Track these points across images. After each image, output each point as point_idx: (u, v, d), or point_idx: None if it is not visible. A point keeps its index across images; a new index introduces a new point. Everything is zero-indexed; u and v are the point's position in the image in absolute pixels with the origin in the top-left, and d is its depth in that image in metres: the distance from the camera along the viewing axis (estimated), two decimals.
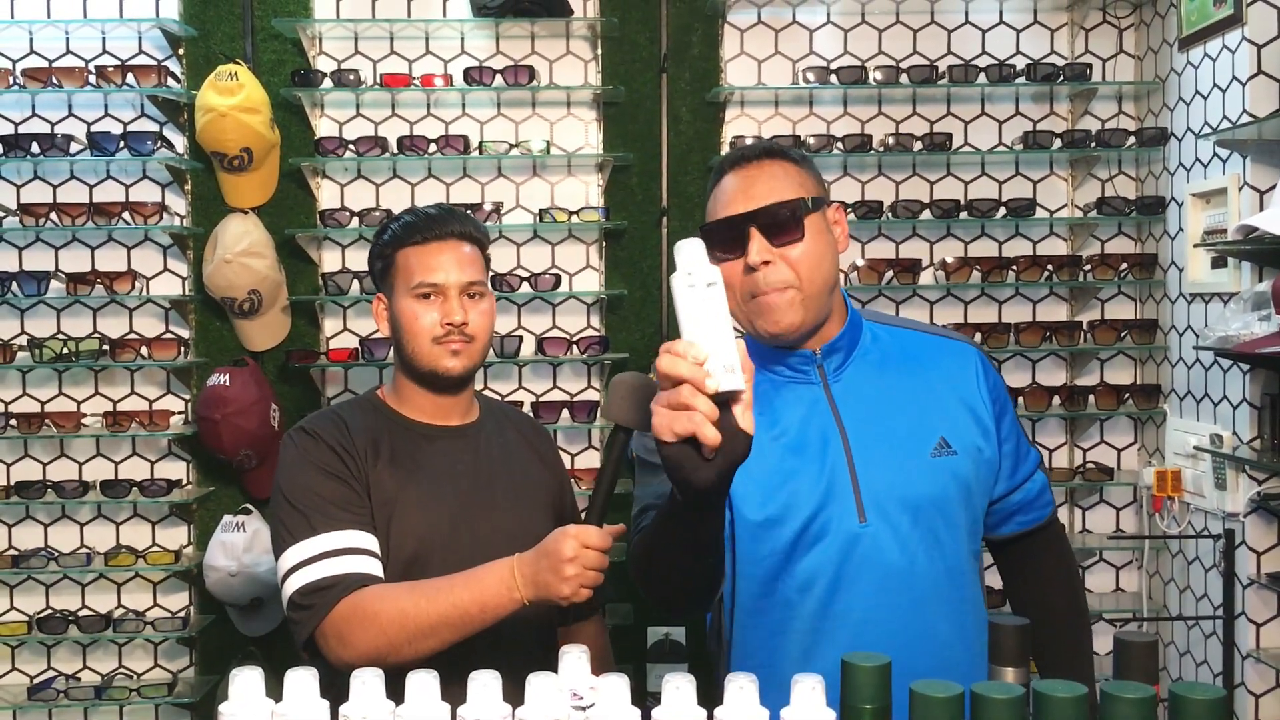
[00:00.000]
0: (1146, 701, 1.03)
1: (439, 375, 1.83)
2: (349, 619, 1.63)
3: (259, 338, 3.24)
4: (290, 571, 1.71)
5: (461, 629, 1.61)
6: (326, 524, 1.72)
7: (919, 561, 1.62)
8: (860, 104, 3.37)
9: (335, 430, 1.81)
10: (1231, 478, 2.79)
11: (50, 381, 3.31)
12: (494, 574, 1.61)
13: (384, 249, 1.87)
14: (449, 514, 1.81)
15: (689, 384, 1.18)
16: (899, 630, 1.59)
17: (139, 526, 3.32)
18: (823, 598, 1.61)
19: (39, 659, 3.32)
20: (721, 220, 1.65)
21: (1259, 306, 2.59)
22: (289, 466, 1.79)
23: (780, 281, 1.61)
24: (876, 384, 1.69)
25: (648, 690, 2.95)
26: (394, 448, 1.83)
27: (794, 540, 1.62)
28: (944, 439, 1.65)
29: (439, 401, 1.88)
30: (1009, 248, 3.37)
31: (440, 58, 3.34)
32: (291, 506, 1.74)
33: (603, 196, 3.33)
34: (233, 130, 3.06)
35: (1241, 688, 2.77)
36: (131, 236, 3.30)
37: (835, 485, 1.63)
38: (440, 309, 1.81)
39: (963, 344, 1.76)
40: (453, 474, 1.85)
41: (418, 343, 1.82)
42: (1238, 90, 2.77)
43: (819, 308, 1.65)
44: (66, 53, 3.28)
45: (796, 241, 1.61)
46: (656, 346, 3.20)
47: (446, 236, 1.84)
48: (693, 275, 1.21)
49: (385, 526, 1.77)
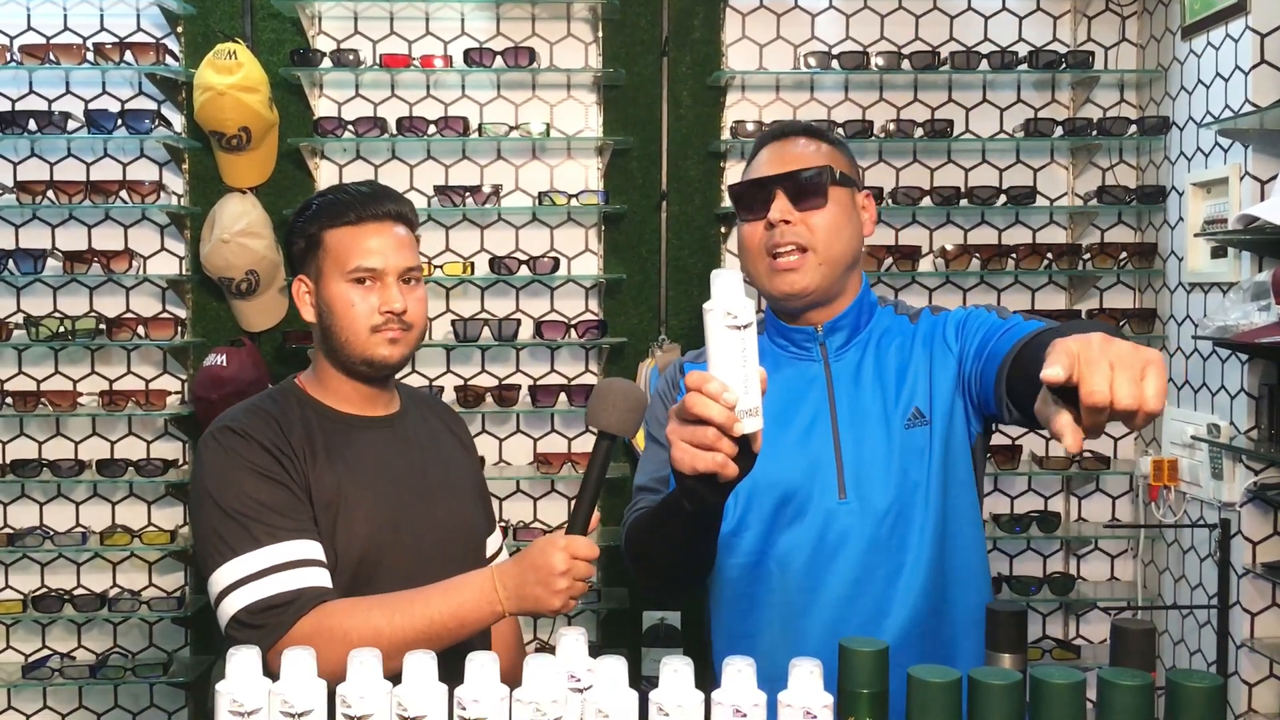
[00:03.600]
0: (1143, 688, 1.03)
1: (374, 364, 1.71)
2: (313, 638, 1.49)
3: (256, 318, 3.23)
4: (231, 588, 1.56)
5: (437, 643, 1.49)
6: (271, 534, 1.58)
7: (898, 536, 1.63)
8: (861, 89, 3.36)
9: (267, 428, 1.67)
10: (1228, 467, 2.80)
11: (46, 360, 3.30)
12: (472, 586, 1.54)
13: (307, 227, 1.73)
14: (390, 510, 1.71)
15: (717, 427, 1.22)
16: (879, 605, 1.61)
17: (135, 506, 3.31)
18: (802, 573, 1.64)
19: (34, 638, 3.32)
20: (750, 181, 1.70)
21: (1258, 296, 2.59)
22: (218, 470, 1.63)
23: (798, 241, 1.64)
24: (873, 366, 1.71)
25: (643, 674, 2.95)
26: (327, 442, 1.70)
27: (774, 514, 1.65)
28: (917, 409, 1.66)
29: (366, 392, 1.76)
30: (1009, 235, 3.37)
31: (440, 38, 3.32)
32: (226, 515, 1.59)
33: (602, 180, 3.32)
34: (231, 109, 3.04)
35: (1235, 677, 2.78)
36: (129, 215, 3.29)
37: (819, 462, 1.65)
38: (379, 295, 1.68)
39: (925, 312, 1.75)
40: (388, 467, 1.74)
41: (352, 331, 1.69)
42: (1240, 79, 2.76)
43: (832, 277, 1.67)
44: (64, 29, 3.26)
45: (819, 208, 1.65)
46: (654, 331, 3.24)
47: (382, 218, 1.71)
48: (733, 315, 1.20)
49: (330, 528, 1.65)
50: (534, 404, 3.22)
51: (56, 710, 3.32)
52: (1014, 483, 3.38)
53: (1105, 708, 1.04)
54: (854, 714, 1.13)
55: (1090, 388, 1.08)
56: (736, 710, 1.13)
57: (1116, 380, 1.08)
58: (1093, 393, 1.08)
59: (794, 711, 1.12)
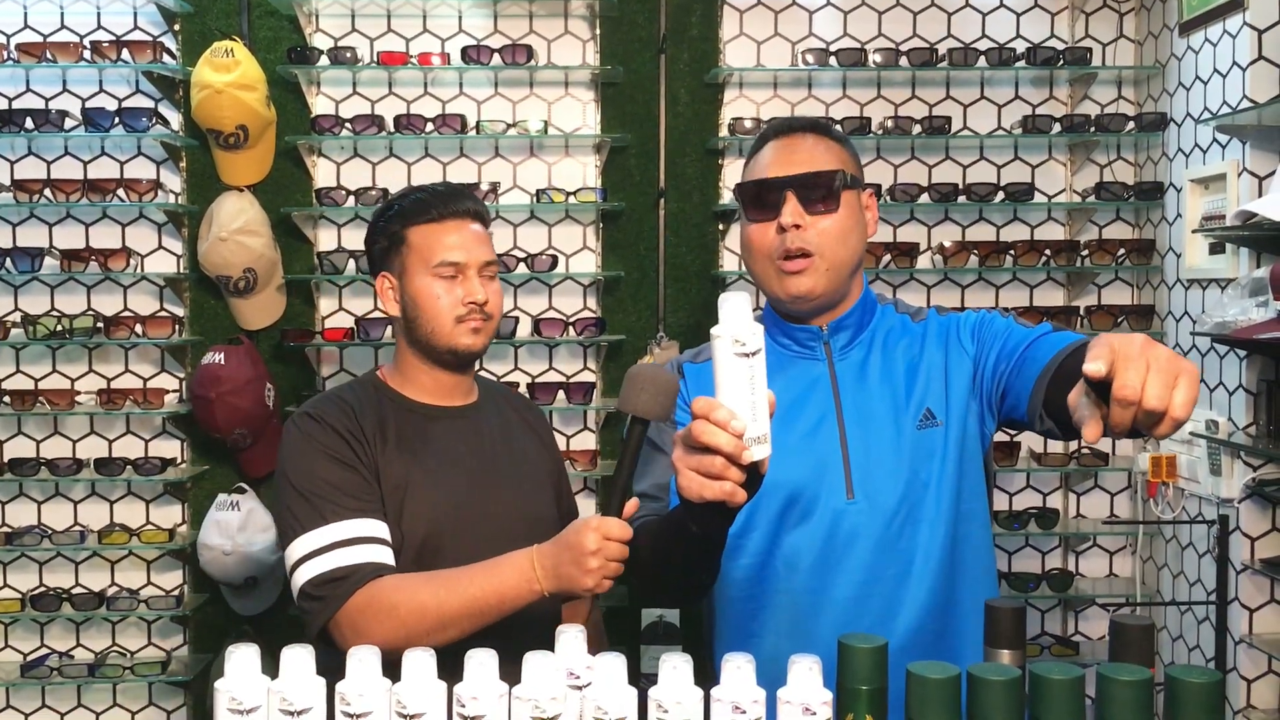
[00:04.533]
0: (1142, 684, 1.03)
1: (459, 353, 1.82)
2: (364, 611, 1.63)
3: (254, 316, 3.23)
4: (300, 561, 1.69)
5: (480, 620, 1.60)
6: (337, 513, 1.70)
7: (906, 536, 1.63)
8: (859, 86, 3.35)
9: (342, 415, 1.79)
10: (1226, 464, 2.80)
11: (44, 359, 3.30)
12: (513, 565, 1.60)
13: (390, 225, 1.85)
14: (457, 496, 1.81)
15: (725, 456, 1.21)
16: (888, 606, 1.61)
17: (133, 505, 3.31)
18: (809, 574, 1.63)
19: (32, 637, 3.32)
20: (761, 180, 1.67)
21: (1257, 292, 2.59)
22: (295, 453, 1.76)
23: (807, 245, 1.63)
24: (879, 365, 1.70)
25: (641, 671, 2.95)
26: (400, 430, 1.82)
27: (780, 514, 1.65)
28: (929, 410, 1.66)
29: (445, 381, 1.87)
30: (1007, 232, 3.37)
31: (438, 36, 3.32)
32: (299, 495, 1.72)
33: (600, 177, 3.32)
34: (228, 107, 3.04)
35: (1234, 673, 2.78)
36: (126, 213, 3.28)
37: (827, 462, 1.64)
38: (463, 287, 1.80)
39: (933, 313, 1.76)
40: (458, 455, 1.84)
41: (439, 321, 1.81)
42: (1238, 75, 2.76)
43: (838, 281, 1.66)
44: (61, 27, 3.26)
45: (830, 212, 1.64)
46: (652, 328, 3.24)
47: (461, 215, 1.83)
48: (741, 342, 1.20)
49: (397, 511, 1.75)
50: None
51: (55, 709, 3.32)
52: (1012, 479, 3.38)
53: (1104, 703, 1.04)
54: (853, 711, 1.14)
55: (1123, 381, 1.11)
56: (736, 707, 1.13)
57: (1150, 380, 1.11)
58: (1125, 386, 1.11)
59: (793, 708, 1.12)
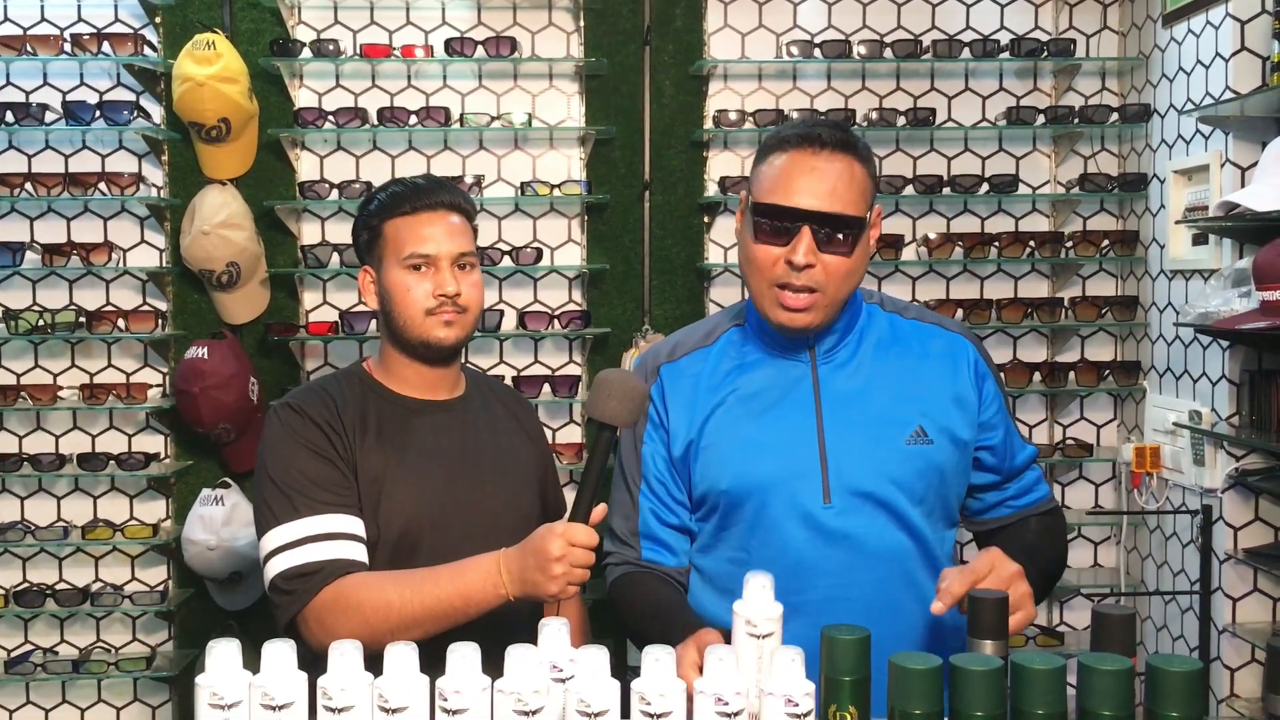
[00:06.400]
0: (1123, 673, 1.04)
1: (431, 346, 1.81)
2: (331, 607, 1.62)
3: (238, 310, 3.21)
4: (273, 554, 1.68)
5: (447, 621, 1.59)
6: (311, 507, 1.69)
7: (885, 545, 1.63)
8: (844, 78, 3.35)
9: (323, 407, 1.78)
10: (1210, 454, 2.81)
11: (26, 353, 3.28)
12: (479, 569, 1.59)
13: (369, 219, 1.84)
14: (437, 491, 1.79)
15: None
16: (863, 611, 1.60)
17: (117, 500, 3.30)
18: (786, 576, 1.62)
19: (16, 633, 3.30)
20: (781, 207, 1.59)
21: (1239, 283, 2.60)
22: (274, 444, 1.75)
23: (813, 284, 1.60)
24: (865, 369, 1.70)
25: (627, 664, 2.96)
26: (381, 423, 1.80)
27: (756, 515, 1.65)
28: (921, 427, 1.66)
29: (427, 375, 1.86)
30: (991, 224, 3.38)
31: (421, 28, 3.30)
32: (275, 486, 1.71)
33: (585, 170, 3.31)
34: (210, 100, 3.02)
35: (1218, 662, 2.80)
36: (108, 207, 3.26)
37: (803, 466, 1.64)
38: (432, 280, 1.79)
39: (957, 335, 1.76)
40: (440, 450, 1.83)
41: (409, 314, 1.79)
42: (1221, 66, 2.77)
43: (834, 313, 1.66)
44: (41, 20, 3.23)
45: (843, 255, 1.60)
46: (638, 321, 3.24)
47: (436, 207, 1.81)
48: (753, 624, 1.33)
49: (374, 505, 1.74)
50: None
51: (40, 705, 3.30)
52: None
53: (1085, 692, 1.05)
54: (837, 702, 1.14)
55: (958, 579, 1.43)
56: (719, 699, 1.13)
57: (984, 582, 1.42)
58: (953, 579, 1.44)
59: (775, 700, 1.13)
